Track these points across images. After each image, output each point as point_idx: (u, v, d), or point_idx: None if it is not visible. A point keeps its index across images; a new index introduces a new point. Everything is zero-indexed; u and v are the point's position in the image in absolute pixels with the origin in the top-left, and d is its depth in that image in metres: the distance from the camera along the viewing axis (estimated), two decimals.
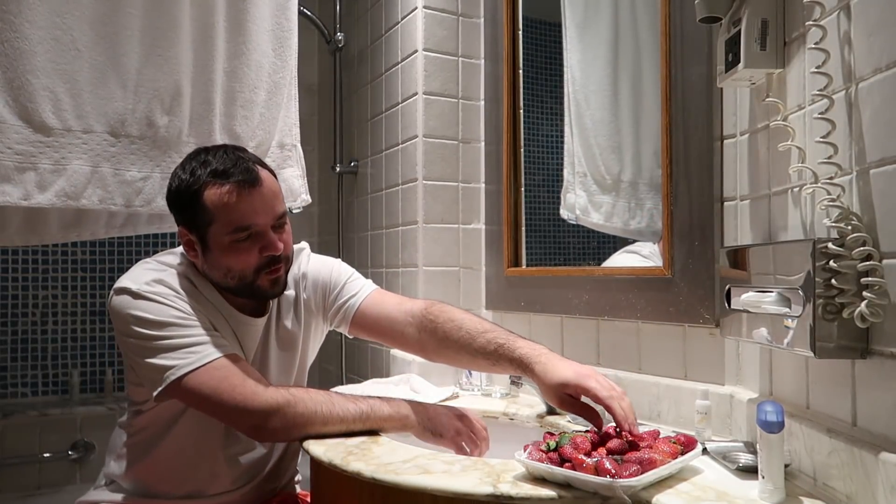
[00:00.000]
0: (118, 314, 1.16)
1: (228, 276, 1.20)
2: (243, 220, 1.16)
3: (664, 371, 1.31)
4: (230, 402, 1.12)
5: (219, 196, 1.16)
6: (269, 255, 1.19)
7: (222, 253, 1.18)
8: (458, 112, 1.88)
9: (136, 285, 1.16)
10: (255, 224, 1.17)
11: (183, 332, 1.14)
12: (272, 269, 1.20)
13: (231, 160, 1.19)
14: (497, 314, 1.82)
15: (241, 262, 1.18)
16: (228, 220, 1.16)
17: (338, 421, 1.16)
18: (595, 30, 1.65)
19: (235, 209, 1.16)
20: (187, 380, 1.12)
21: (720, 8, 1.00)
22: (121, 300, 1.16)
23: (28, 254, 2.34)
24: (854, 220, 0.79)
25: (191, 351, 1.13)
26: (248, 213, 1.17)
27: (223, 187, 1.16)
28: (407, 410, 1.20)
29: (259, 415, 1.12)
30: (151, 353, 1.13)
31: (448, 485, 0.92)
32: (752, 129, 1.09)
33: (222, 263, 1.19)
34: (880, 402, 0.77)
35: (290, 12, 1.69)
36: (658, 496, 0.86)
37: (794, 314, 0.84)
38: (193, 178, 1.18)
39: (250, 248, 1.18)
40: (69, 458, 2.20)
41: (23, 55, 1.34)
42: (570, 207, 1.66)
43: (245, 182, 1.16)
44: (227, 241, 1.17)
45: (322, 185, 2.62)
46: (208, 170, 1.17)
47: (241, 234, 1.17)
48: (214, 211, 1.16)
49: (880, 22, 0.76)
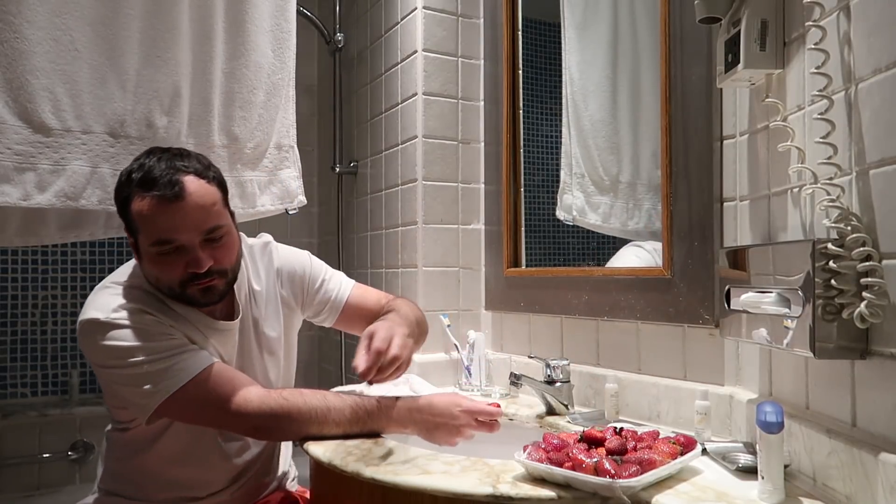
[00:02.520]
0: (90, 348, 1.14)
1: (159, 284, 1.17)
2: (162, 235, 1.12)
3: (664, 371, 1.31)
4: (223, 413, 1.12)
5: (141, 207, 1.12)
6: (194, 271, 1.14)
7: (150, 262, 1.16)
8: (458, 112, 1.88)
9: (103, 315, 1.13)
10: (176, 239, 1.13)
11: (161, 354, 1.12)
12: (200, 282, 1.16)
13: (160, 169, 1.13)
14: (497, 314, 1.82)
15: (165, 274, 1.15)
16: (150, 233, 1.13)
17: (333, 425, 1.16)
18: (594, 30, 1.65)
19: (155, 223, 1.12)
20: (175, 399, 1.11)
21: (720, 8, 1.00)
22: (91, 334, 1.13)
23: (28, 254, 2.33)
24: (854, 220, 0.79)
25: (173, 370, 1.12)
26: (169, 229, 1.12)
27: (144, 200, 1.12)
28: (405, 413, 1.18)
29: (255, 418, 1.12)
30: (133, 380, 1.12)
31: (447, 485, 0.92)
32: (752, 129, 1.09)
33: (151, 272, 1.17)
34: (880, 402, 0.77)
35: (289, 13, 1.69)
36: (658, 496, 0.86)
37: (794, 315, 0.84)
38: (126, 185, 1.15)
39: (175, 262, 1.14)
40: (69, 458, 2.20)
41: (22, 56, 1.34)
42: (566, 208, 1.66)
43: (165, 197, 1.11)
44: (153, 252, 1.14)
45: (322, 185, 2.62)
46: (138, 178, 1.13)
47: (164, 247, 1.13)
48: (138, 221, 1.13)
49: (880, 22, 0.76)
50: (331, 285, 1.42)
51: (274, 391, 1.18)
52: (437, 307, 1.83)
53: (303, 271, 1.39)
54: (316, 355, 2.64)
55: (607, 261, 1.56)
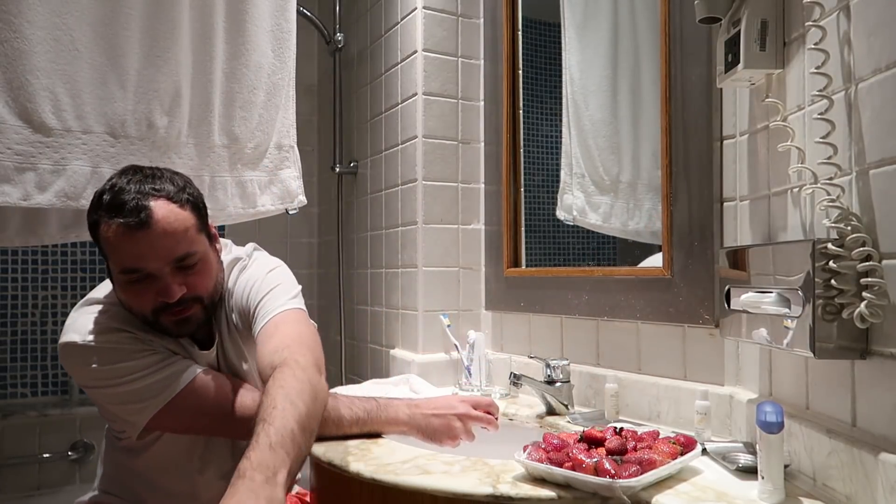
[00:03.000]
0: (73, 370, 1.13)
1: (132, 311, 1.12)
2: (129, 263, 1.07)
3: (664, 371, 1.31)
4: (218, 418, 1.12)
5: (106, 234, 1.06)
6: (164, 302, 1.09)
7: (120, 289, 1.11)
8: (458, 112, 1.88)
9: (81, 338, 1.11)
10: (143, 268, 1.07)
11: (143, 371, 1.11)
12: (173, 311, 1.11)
13: (129, 193, 1.06)
14: (497, 314, 1.82)
15: (136, 303, 1.11)
16: (116, 259, 1.08)
17: (332, 426, 1.15)
18: (594, 30, 1.65)
19: (121, 251, 1.06)
20: (166, 411, 1.10)
21: (720, 8, 1.00)
22: (71, 356, 1.12)
23: (28, 254, 2.33)
24: (853, 220, 0.79)
25: (159, 384, 1.10)
26: (133, 257, 1.06)
27: (110, 226, 1.06)
28: (404, 416, 1.18)
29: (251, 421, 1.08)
30: (120, 398, 1.11)
31: (447, 485, 0.92)
32: (752, 129, 1.09)
33: (122, 299, 1.12)
34: (880, 402, 0.77)
35: (290, 13, 1.69)
36: (658, 496, 0.86)
37: (794, 315, 0.84)
38: (94, 207, 1.09)
39: (144, 290, 1.09)
40: (69, 458, 2.20)
41: (22, 55, 1.34)
42: (566, 208, 1.66)
43: (131, 225, 1.05)
44: (122, 280, 1.09)
45: (322, 185, 2.62)
46: (107, 200, 1.07)
47: (132, 275, 1.08)
48: (105, 248, 1.09)
49: (880, 22, 0.76)
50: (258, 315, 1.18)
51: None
52: (437, 307, 1.83)
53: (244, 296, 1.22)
54: None
55: (607, 261, 1.56)
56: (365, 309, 2.20)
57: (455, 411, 1.16)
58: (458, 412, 1.16)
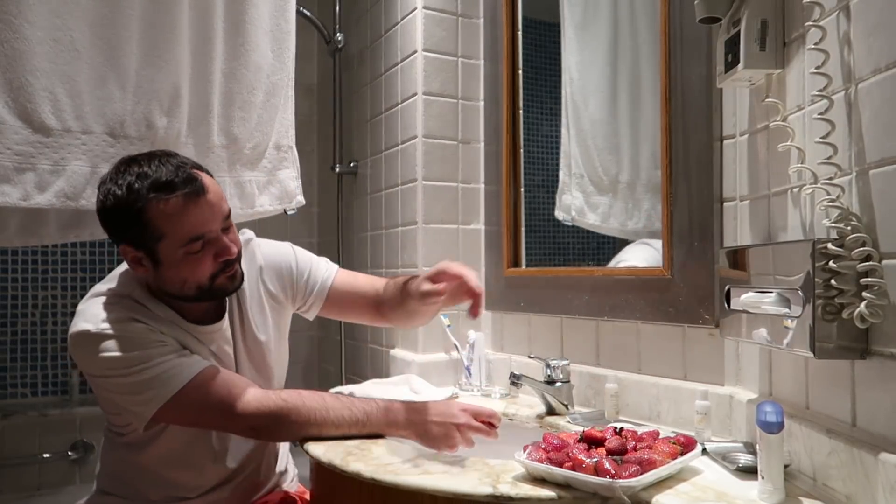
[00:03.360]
0: (84, 359, 1.14)
1: (185, 287, 1.16)
2: (196, 231, 1.11)
3: (664, 372, 1.31)
4: (221, 414, 1.13)
5: (166, 211, 1.09)
6: (225, 259, 1.15)
7: (177, 266, 1.13)
8: (458, 112, 1.88)
9: (94, 326, 1.12)
10: (207, 232, 1.13)
11: (154, 361, 1.11)
12: (227, 270, 1.17)
13: (170, 169, 1.11)
14: (497, 315, 1.82)
15: (197, 273, 1.14)
16: (181, 233, 1.10)
17: (332, 427, 1.16)
18: (594, 30, 1.65)
19: (186, 221, 1.10)
20: (172, 404, 1.11)
21: (720, 8, 1.00)
22: (83, 346, 1.12)
23: (28, 254, 2.34)
24: (853, 220, 0.79)
25: (168, 376, 1.11)
26: (200, 223, 1.11)
27: (169, 202, 1.09)
28: (403, 420, 1.17)
29: (253, 419, 1.12)
30: (129, 388, 1.12)
31: (447, 485, 0.92)
32: (752, 129, 1.09)
33: (177, 277, 1.14)
34: (880, 402, 0.77)
35: (289, 13, 1.69)
36: (658, 496, 0.86)
37: (794, 315, 0.84)
38: (133, 195, 1.09)
39: (205, 257, 1.14)
40: (69, 458, 2.20)
41: (22, 56, 1.34)
42: (565, 209, 1.66)
43: (191, 193, 1.10)
44: (181, 255, 1.12)
45: (321, 185, 2.62)
46: (148, 183, 1.09)
47: (195, 244, 1.12)
48: (163, 227, 1.10)
49: (880, 23, 0.76)
50: (317, 273, 1.39)
51: (272, 392, 1.18)
52: None
53: (288, 264, 1.36)
54: (316, 355, 2.64)
55: (607, 261, 1.56)
56: None
57: (455, 420, 1.15)
58: (458, 422, 1.15)
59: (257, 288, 1.32)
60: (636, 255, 1.51)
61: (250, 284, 1.30)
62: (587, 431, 1.00)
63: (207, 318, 1.24)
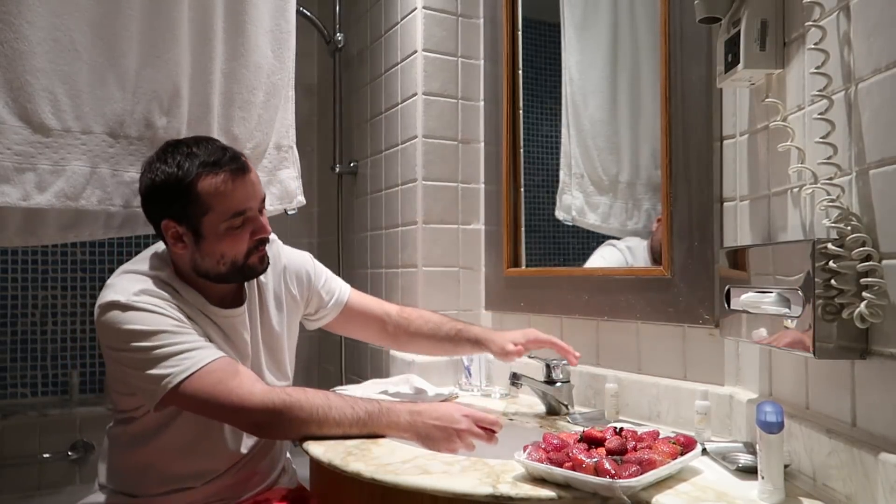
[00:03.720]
0: (109, 329, 1.16)
1: (221, 262, 1.23)
2: (240, 206, 1.21)
3: (664, 372, 1.31)
4: (228, 404, 1.13)
5: (214, 185, 1.20)
6: (260, 237, 1.25)
7: (218, 240, 1.22)
8: (458, 112, 1.88)
9: (125, 297, 1.16)
10: (249, 209, 1.23)
11: (175, 340, 1.15)
12: (260, 250, 1.27)
13: (217, 150, 1.23)
14: (497, 315, 1.82)
15: (234, 248, 1.23)
16: (226, 207, 1.20)
17: (334, 425, 1.16)
18: (594, 31, 1.65)
19: (232, 196, 1.20)
20: (184, 386, 1.12)
21: (720, 8, 1.00)
22: (111, 315, 1.16)
23: (27, 254, 2.33)
24: (853, 220, 0.79)
25: (185, 357, 1.14)
26: (243, 199, 1.22)
27: (218, 176, 1.20)
28: (405, 422, 1.17)
29: (257, 413, 1.13)
30: (146, 364, 1.13)
31: (447, 485, 0.92)
32: (752, 129, 1.09)
33: (216, 250, 1.22)
34: (880, 402, 0.77)
35: (289, 13, 1.68)
36: (658, 496, 0.86)
37: (794, 314, 0.84)
38: (183, 171, 1.20)
39: (242, 234, 1.23)
40: (69, 458, 2.20)
41: (22, 56, 1.34)
42: (566, 209, 1.66)
43: (238, 169, 1.22)
44: (224, 229, 1.21)
45: (321, 185, 2.62)
46: (198, 161, 1.20)
47: (237, 219, 1.22)
48: (210, 200, 1.20)
49: (880, 23, 0.76)
50: (333, 285, 1.51)
51: (277, 388, 1.19)
52: (437, 307, 1.83)
53: (307, 270, 1.47)
54: (316, 355, 2.64)
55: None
56: None
57: (458, 426, 1.15)
58: (460, 427, 1.15)
59: (280, 285, 1.41)
60: (602, 257, 1.56)
61: (273, 280, 1.40)
62: (587, 431, 1.00)
63: (228, 304, 1.30)
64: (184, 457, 1.25)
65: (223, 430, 1.27)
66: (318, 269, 1.51)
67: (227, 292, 1.31)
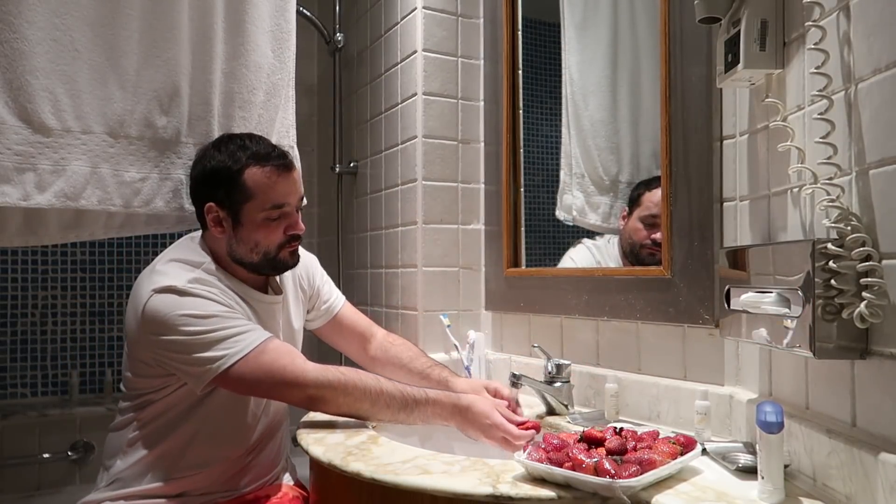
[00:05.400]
0: (162, 314, 1.19)
1: (254, 251, 1.30)
2: (279, 199, 1.29)
3: (664, 371, 1.31)
4: (283, 380, 1.19)
5: (260, 176, 1.29)
6: (293, 233, 1.32)
7: (254, 228, 1.29)
8: (458, 112, 1.88)
9: (181, 283, 1.21)
10: (287, 203, 1.31)
11: (227, 324, 1.20)
12: (292, 244, 1.34)
13: (268, 146, 1.34)
14: (497, 314, 1.82)
15: (268, 239, 1.30)
16: (266, 198, 1.28)
17: (384, 407, 1.22)
18: (594, 30, 1.65)
19: (274, 189, 1.29)
20: (237, 367, 1.17)
21: (719, 8, 1.00)
22: (166, 299, 1.20)
23: (28, 254, 2.33)
24: (853, 220, 0.79)
25: (237, 340, 1.19)
26: (284, 193, 1.30)
27: (265, 168, 1.29)
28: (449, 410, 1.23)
29: (312, 387, 1.21)
30: (198, 347, 1.18)
31: (447, 485, 0.92)
32: (752, 129, 1.09)
33: (251, 238, 1.30)
34: (880, 402, 0.77)
35: (289, 13, 1.69)
36: (657, 496, 0.86)
37: (794, 315, 0.84)
38: (234, 160, 1.29)
39: (277, 227, 1.31)
40: (69, 458, 2.20)
41: (22, 56, 1.34)
42: (566, 209, 1.66)
43: (283, 165, 1.31)
44: (261, 218, 1.29)
45: (321, 185, 2.62)
46: (248, 153, 1.30)
47: (275, 212, 1.29)
48: (254, 189, 1.28)
49: (880, 22, 0.76)
50: (330, 293, 1.57)
51: (331, 366, 1.25)
52: (437, 307, 1.83)
53: (313, 271, 1.54)
54: (316, 355, 2.63)
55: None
56: (365, 309, 2.19)
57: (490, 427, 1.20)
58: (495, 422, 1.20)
59: (295, 284, 1.49)
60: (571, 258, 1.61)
61: (290, 277, 1.47)
62: (587, 431, 1.00)
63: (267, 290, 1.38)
64: (195, 446, 1.28)
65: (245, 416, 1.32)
66: (321, 274, 1.57)
67: (256, 284, 1.37)
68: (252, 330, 1.22)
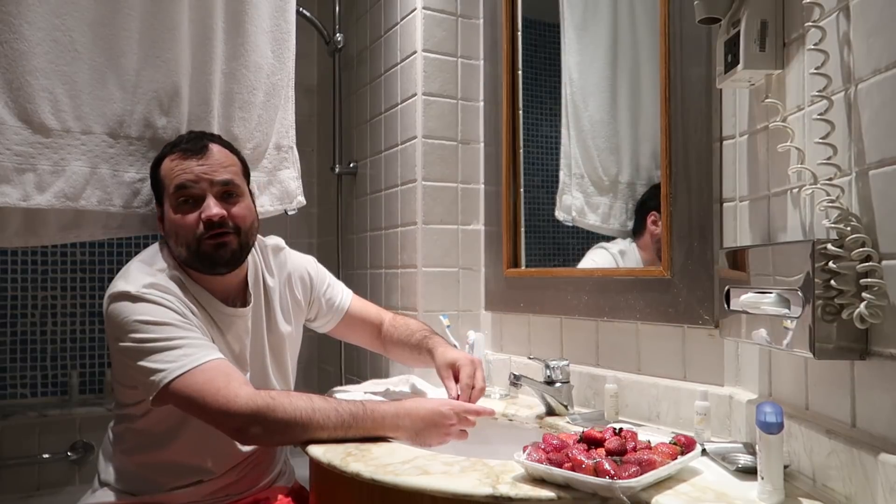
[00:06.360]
0: (116, 318, 1.17)
1: (179, 244, 1.26)
2: (180, 181, 1.25)
3: (663, 372, 1.31)
4: (213, 405, 1.11)
5: (167, 164, 1.29)
6: (207, 218, 1.24)
7: (170, 219, 1.27)
8: (458, 113, 1.88)
9: (134, 288, 1.18)
10: (192, 186, 1.26)
11: (177, 335, 1.16)
12: (212, 234, 1.25)
13: (188, 137, 1.34)
14: (496, 315, 1.82)
15: (184, 227, 1.25)
16: (172, 183, 1.26)
17: (318, 428, 1.13)
18: (594, 31, 1.65)
19: (177, 172, 1.26)
20: (176, 383, 1.12)
21: (719, 9, 1.00)
22: (120, 305, 1.17)
23: (27, 255, 2.33)
24: (853, 221, 0.79)
25: (182, 354, 1.14)
26: (187, 176, 1.26)
27: (171, 155, 1.29)
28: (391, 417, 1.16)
29: (239, 418, 1.10)
30: (145, 355, 1.14)
31: (447, 486, 0.92)
32: (752, 130, 1.09)
33: (171, 230, 1.27)
34: (879, 403, 0.77)
35: (289, 14, 1.69)
36: (657, 497, 0.86)
37: (794, 315, 0.84)
38: (158, 156, 1.33)
39: (189, 214, 1.25)
40: (68, 458, 2.20)
41: (22, 56, 1.34)
42: (566, 209, 1.66)
43: (189, 150, 1.28)
44: (173, 205, 1.26)
45: (321, 186, 2.62)
46: (171, 143, 1.33)
47: (180, 195, 1.25)
48: (164, 178, 1.29)
49: (879, 23, 0.76)
50: (335, 291, 1.54)
51: (263, 391, 1.16)
52: (437, 307, 1.83)
53: (309, 274, 1.50)
54: (316, 355, 2.64)
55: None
56: None
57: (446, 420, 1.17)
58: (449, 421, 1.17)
59: (286, 291, 1.45)
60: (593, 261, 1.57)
61: (280, 285, 1.44)
62: (587, 432, 1.00)
63: (232, 303, 1.33)
64: (188, 457, 1.26)
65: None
66: (321, 274, 1.53)
67: (232, 291, 1.33)
68: (199, 346, 1.16)
